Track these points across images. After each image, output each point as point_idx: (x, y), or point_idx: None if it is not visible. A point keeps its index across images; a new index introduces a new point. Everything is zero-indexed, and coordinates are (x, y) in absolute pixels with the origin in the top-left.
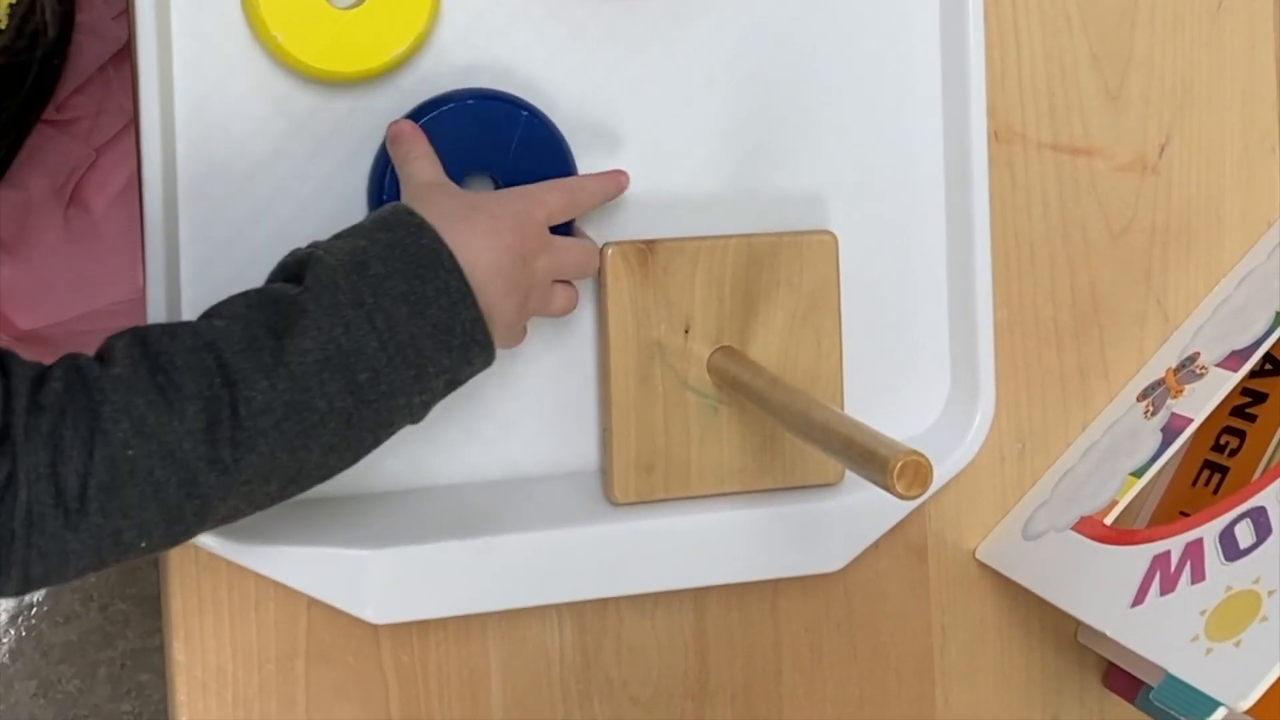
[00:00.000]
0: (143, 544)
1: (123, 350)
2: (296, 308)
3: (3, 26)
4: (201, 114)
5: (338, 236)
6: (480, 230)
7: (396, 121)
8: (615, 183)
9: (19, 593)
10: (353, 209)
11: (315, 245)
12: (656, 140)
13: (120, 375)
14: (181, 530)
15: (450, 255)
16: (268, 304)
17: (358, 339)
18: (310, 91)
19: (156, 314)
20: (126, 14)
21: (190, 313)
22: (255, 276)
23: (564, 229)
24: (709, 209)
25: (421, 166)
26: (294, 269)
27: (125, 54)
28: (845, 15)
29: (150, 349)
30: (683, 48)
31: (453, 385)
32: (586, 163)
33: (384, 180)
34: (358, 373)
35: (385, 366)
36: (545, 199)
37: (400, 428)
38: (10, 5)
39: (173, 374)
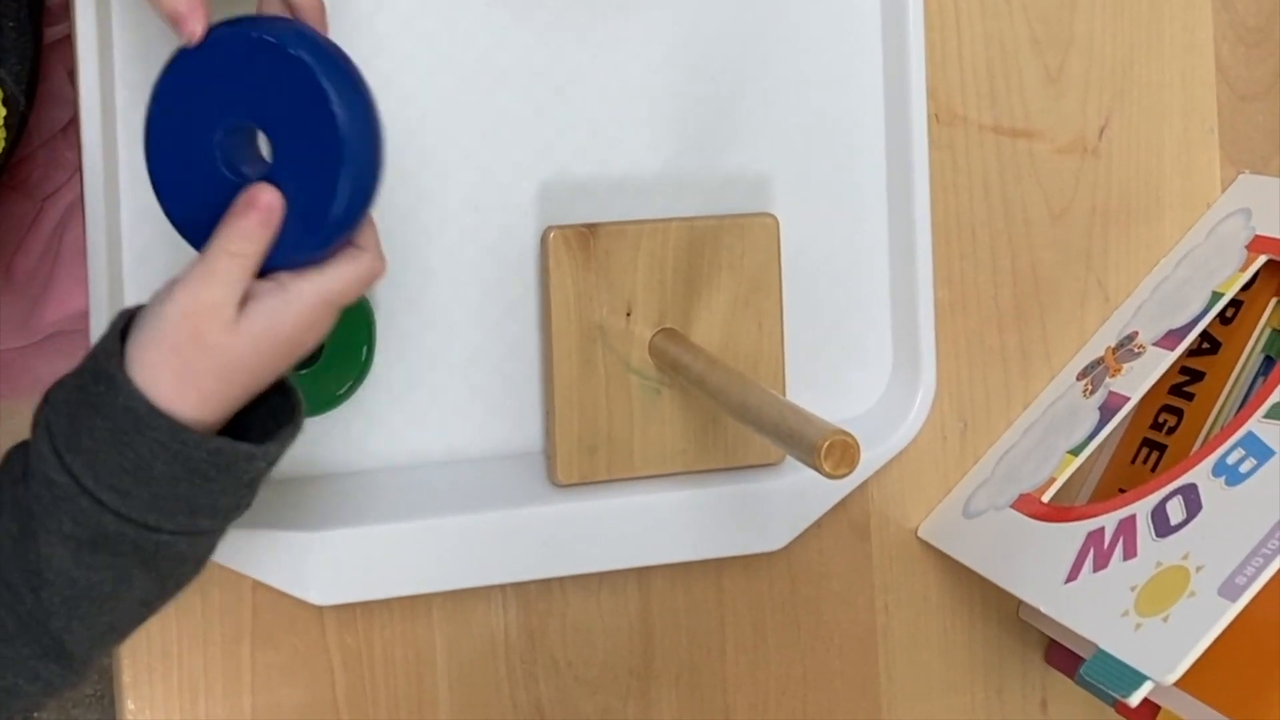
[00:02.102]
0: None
1: None
2: (26, 513)
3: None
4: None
5: (61, 385)
6: (176, 358)
7: (261, 195)
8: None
9: None
10: None
11: (44, 407)
12: (599, 124)
13: None
14: (67, 687)
15: (149, 409)
16: (9, 509)
17: (94, 523)
18: None
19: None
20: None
21: (133, 300)
22: None
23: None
24: (652, 192)
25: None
26: (19, 455)
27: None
28: None
29: None
30: (626, 32)
31: (251, 483)
32: (528, 147)
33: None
34: (119, 545)
35: (138, 531)
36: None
37: (219, 535)
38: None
39: None
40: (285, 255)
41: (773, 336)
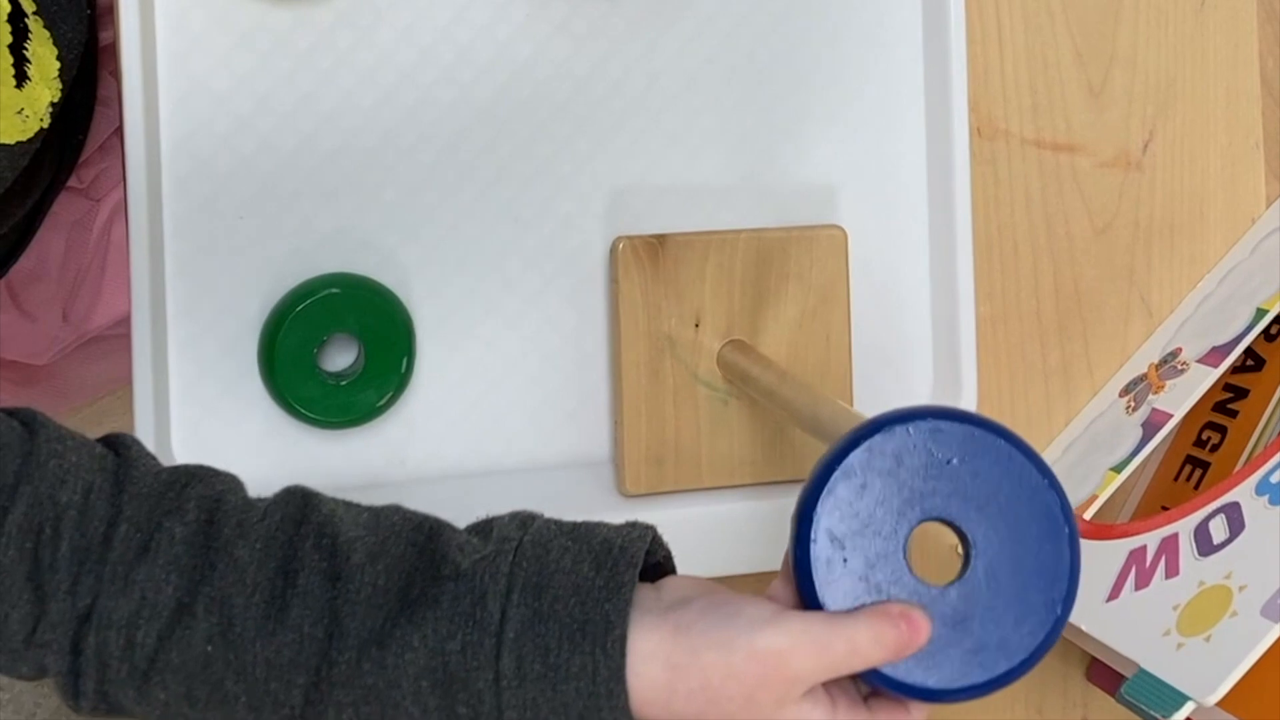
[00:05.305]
0: None
1: (269, 530)
2: (434, 590)
3: (46, 124)
4: (186, 108)
5: (570, 531)
6: (697, 681)
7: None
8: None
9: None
10: (337, 194)
11: (530, 521)
12: (668, 135)
13: (242, 560)
14: None
15: (620, 640)
16: (423, 554)
17: (471, 669)
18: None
19: (141, 301)
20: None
21: (174, 306)
22: (239, 265)
23: None
24: (719, 204)
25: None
26: (486, 526)
27: None
28: (829, 12)
29: (293, 544)
30: (691, 46)
31: None
32: (598, 159)
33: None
34: (457, 703)
35: (488, 710)
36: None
37: None
38: (52, 104)
39: (289, 591)
40: (906, 679)
41: (841, 349)
